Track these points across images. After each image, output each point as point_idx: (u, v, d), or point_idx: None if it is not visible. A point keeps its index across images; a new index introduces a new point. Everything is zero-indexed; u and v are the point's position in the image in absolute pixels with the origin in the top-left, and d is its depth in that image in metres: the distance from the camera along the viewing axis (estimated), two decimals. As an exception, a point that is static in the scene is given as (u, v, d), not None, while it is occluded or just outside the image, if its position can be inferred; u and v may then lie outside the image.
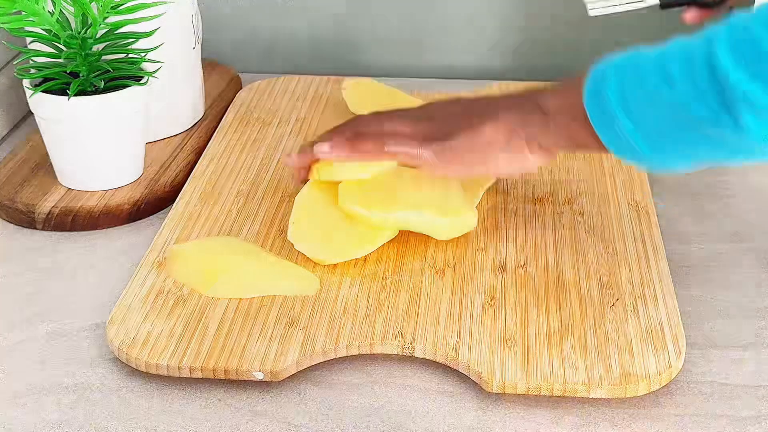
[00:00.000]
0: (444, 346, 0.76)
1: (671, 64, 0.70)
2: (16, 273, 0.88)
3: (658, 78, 0.71)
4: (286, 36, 1.26)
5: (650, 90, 0.71)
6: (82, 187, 0.96)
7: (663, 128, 0.72)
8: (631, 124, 0.72)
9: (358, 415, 0.72)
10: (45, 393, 0.74)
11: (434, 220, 0.86)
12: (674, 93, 0.70)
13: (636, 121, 0.72)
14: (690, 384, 0.75)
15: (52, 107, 0.92)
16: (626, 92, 0.72)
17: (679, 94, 0.69)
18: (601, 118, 0.74)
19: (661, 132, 0.72)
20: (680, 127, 0.71)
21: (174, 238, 0.88)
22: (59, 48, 0.93)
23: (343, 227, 0.86)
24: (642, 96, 0.72)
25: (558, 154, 1.00)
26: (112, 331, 0.77)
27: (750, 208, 0.96)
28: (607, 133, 0.74)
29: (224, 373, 0.74)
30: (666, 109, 0.71)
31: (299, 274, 0.83)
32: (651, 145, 0.73)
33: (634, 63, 0.73)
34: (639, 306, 0.79)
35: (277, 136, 1.05)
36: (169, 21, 0.98)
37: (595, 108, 0.74)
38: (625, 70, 0.73)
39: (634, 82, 0.72)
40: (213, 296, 0.80)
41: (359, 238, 0.85)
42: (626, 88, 0.72)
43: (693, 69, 0.69)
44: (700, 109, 0.69)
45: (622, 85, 0.73)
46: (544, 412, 0.72)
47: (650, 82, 0.71)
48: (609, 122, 0.73)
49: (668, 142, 0.72)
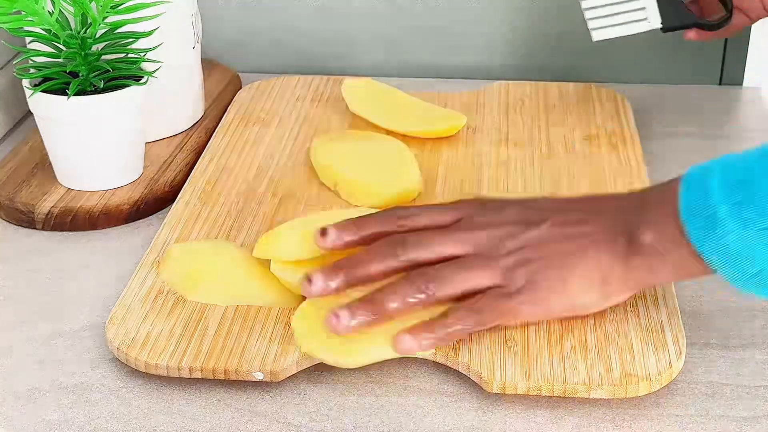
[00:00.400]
0: (444, 346, 0.76)
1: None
2: (16, 273, 0.88)
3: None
4: (285, 36, 1.26)
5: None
6: (81, 187, 0.96)
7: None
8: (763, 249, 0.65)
9: (358, 415, 0.72)
10: (45, 393, 0.74)
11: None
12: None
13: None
14: (690, 384, 0.75)
15: (51, 107, 0.92)
16: (744, 216, 0.64)
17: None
18: (722, 254, 0.66)
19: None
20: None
21: (174, 238, 0.88)
22: (59, 48, 0.92)
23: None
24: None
25: (559, 154, 1.00)
26: (111, 332, 0.77)
27: (750, 208, 0.96)
28: (739, 278, 0.67)
29: (224, 374, 0.74)
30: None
31: (283, 288, 0.80)
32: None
33: (743, 174, 0.65)
34: (639, 306, 0.79)
35: (277, 136, 1.05)
36: (168, 21, 0.98)
37: (706, 242, 0.66)
38: (738, 189, 0.65)
39: (751, 199, 0.65)
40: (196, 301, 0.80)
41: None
42: (743, 208, 0.64)
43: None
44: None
45: (735, 209, 0.64)
46: (545, 413, 0.72)
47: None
48: (737, 262, 0.66)
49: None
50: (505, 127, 1.06)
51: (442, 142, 1.03)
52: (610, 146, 1.02)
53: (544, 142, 1.03)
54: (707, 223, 0.66)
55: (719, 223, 0.66)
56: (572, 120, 1.07)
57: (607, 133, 1.04)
